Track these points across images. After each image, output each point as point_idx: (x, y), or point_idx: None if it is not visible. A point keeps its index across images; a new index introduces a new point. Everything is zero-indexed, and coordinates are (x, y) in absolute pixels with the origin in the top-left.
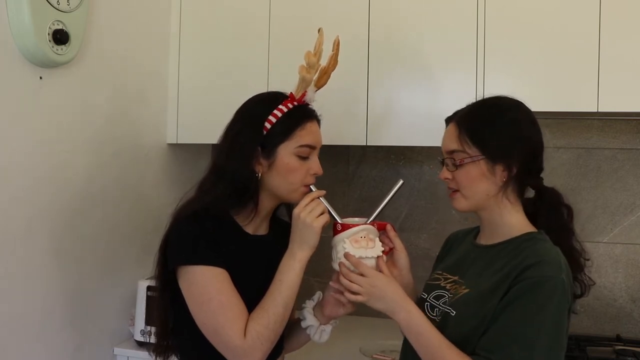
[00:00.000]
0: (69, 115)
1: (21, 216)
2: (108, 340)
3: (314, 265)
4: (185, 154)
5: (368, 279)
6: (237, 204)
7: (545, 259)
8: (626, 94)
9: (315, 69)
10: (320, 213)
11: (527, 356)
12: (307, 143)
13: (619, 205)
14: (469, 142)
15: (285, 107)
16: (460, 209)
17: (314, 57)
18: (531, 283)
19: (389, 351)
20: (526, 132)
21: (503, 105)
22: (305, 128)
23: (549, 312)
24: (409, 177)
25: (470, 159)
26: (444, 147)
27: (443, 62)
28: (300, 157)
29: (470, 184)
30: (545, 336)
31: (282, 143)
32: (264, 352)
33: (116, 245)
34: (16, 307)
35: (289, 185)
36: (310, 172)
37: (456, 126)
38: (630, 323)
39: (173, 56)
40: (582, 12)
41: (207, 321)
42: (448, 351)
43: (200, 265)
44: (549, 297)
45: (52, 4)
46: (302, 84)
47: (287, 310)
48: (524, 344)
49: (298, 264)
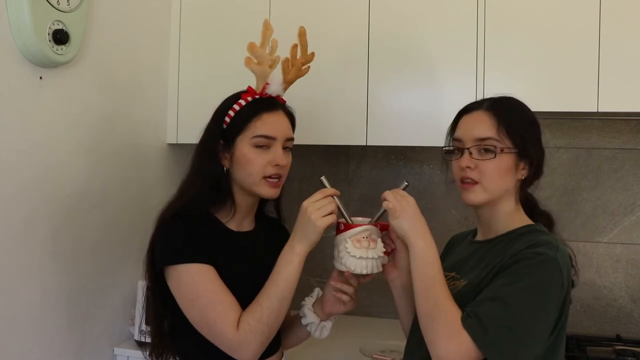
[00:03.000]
0: (69, 115)
1: (21, 216)
2: (108, 340)
3: (314, 265)
4: (185, 154)
5: (405, 196)
6: (215, 201)
7: (541, 241)
8: (626, 94)
9: (272, 62)
10: (329, 213)
11: (496, 313)
12: (262, 133)
13: (619, 205)
14: (506, 133)
15: (244, 100)
16: (475, 202)
17: (260, 49)
18: (522, 259)
19: (389, 351)
20: (540, 135)
21: (525, 106)
22: (262, 119)
23: (531, 280)
24: (409, 177)
25: (509, 150)
26: (474, 133)
27: (443, 62)
28: (258, 148)
29: (496, 176)
30: (522, 300)
31: (239, 135)
32: (257, 344)
33: (116, 245)
34: (16, 307)
35: (249, 177)
36: (272, 163)
37: (492, 114)
38: (630, 323)
39: (173, 56)
40: (582, 12)
41: (199, 317)
42: (444, 289)
43: (186, 263)
44: (535, 267)
45: (52, 4)
46: (257, 76)
47: (283, 304)
48: (496, 301)
49: (297, 257)
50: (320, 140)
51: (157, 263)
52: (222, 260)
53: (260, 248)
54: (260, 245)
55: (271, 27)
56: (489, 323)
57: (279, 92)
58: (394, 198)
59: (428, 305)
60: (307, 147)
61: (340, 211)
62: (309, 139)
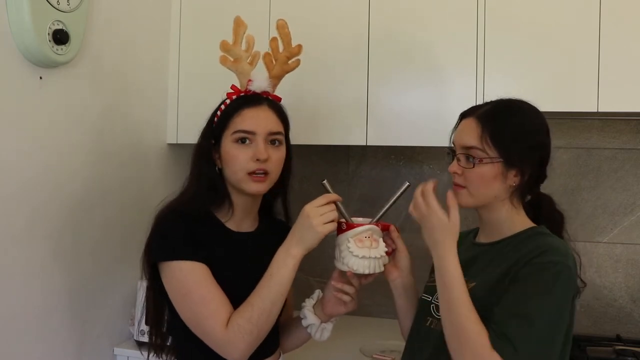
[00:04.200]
0: (69, 115)
1: (21, 216)
2: (108, 340)
3: (314, 265)
4: (185, 154)
5: (433, 206)
6: (214, 201)
7: (553, 247)
8: (626, 94)
9: (250, 58)
10: (330, 220)
11: (524, 331)
12: (241, 128)
13: (619, 205)
14: (489, 143)
15: (229, 98)
16: (463, 205)
17: (234, 46)
18: (538, 267)
19: (389, 351)
20: (542, 141)
21: (525, 111)
22: (242, 114)
23: (552, 293)
24: (409, 177)
25: (490, 160)
26: (460, 141)
27: (443, 62)
28: (238, 143)
29: (481, 184)
30: (547, 315)
31: (223, 133)
32: (246, 344)
33: (116, 245)
34: (16, 307)
35: (234, 174)
36: (253, 158)
37: (478, 123)
38: (630, 323)
39: (173, 56)
40: (582, 12)
41: (189, 314)
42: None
43: (178, 260)
44: (554, 279)
45: (52, 4)
46: (236, 74)
47: (274, 305)
48: (523, 319)
49: (292, 260)
50: (320, 140)
51: (152, 258)
52: (219, 259)
53: (260, 249)
54: (260, 246)
55: (244, 23)
56: (518, 344)
57: (264, 88)
58: (419, 205)
59: (453, 329)
60: (307, 147)
61: (342, 215)
62: (309, 139)
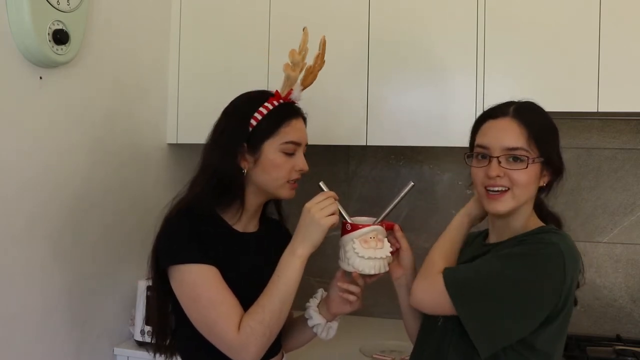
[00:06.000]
0: (69, 115)
1: (21, 216)
2: (108, 340)
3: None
4: (185, 154)
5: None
6: (223, 202)
7: (551, 232)
8: (626, 94)
9: (301, 68)
10: (331, 213)
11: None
12: (292, 140)
13: (619, 205)
14: (534, 143)
15: (271, 104)
16: (503, 211)
17: (298, 55)
18: (526, 242)
19: (389, 351)
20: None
21: (546, 113)
22: (291, 125)
23: (526, 262)
24: (409, 177)
25: (538, 160)
26: (503, 142)
27: (443, 62)
28: (285, 154)
29: (527, 185)
30: (510, 265)
31: (268, 139)
32: (259, 347)
33: (116, 245)
34: (16, 307)
35: (274, 182)
36: (296, 168)
37: (520, 123)
38: (630, 323)
39: (173, 56)
40: (582, 12)
41: (200, 318)
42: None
43: (188, 263)
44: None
45: (52, 4)
46: (287, 82)
47: (284, 306)
48: (484, 261)
49: (298, 260)
50: (320, 140)
51: (160, 263)
52: (226, 260)
53: (265, 249)
54: (265, 246)
55: (308, 33)
56: (464, 272)
57: (300, 99)
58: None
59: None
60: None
61: (341, 213)
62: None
